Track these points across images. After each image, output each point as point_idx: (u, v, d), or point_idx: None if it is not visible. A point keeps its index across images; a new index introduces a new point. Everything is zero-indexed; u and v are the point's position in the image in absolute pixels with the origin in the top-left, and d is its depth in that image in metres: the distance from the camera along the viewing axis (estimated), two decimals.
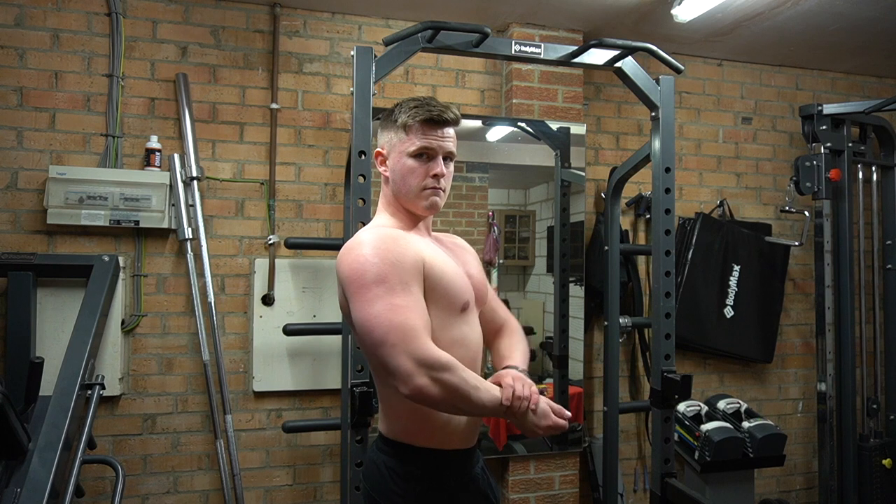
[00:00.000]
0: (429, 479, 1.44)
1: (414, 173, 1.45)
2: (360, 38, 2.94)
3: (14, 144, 2.56)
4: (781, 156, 3.58)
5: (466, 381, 1.31)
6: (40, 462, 1.89)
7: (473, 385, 1.32)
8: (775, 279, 3.41)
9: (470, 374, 1.33)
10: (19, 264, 2.41)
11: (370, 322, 1.30)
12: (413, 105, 1.46)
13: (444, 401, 1.31)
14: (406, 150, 1.45)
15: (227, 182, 2.78)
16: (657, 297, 2.33)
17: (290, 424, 2.64)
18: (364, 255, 1.34)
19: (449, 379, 1.29)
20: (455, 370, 1.30)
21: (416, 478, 1.43)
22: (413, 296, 1.33)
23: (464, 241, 1.71)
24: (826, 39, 3.17)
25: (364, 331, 1.32)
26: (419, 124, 1.44)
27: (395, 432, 1.47)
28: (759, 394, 3.50)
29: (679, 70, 2.31)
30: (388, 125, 1.50)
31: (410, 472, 1.44)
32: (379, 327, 1.29)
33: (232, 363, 2.76)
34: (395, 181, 1.48)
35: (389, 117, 1.50)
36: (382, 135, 1.52)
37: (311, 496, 2.84)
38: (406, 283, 1.33)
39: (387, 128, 1.50)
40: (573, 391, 3.03)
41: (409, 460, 1.44)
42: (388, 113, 1.51)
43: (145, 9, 2.70)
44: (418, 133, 1.45)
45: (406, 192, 1.46)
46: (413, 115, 1.45)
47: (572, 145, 3.01)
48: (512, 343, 1.65)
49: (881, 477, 3.27)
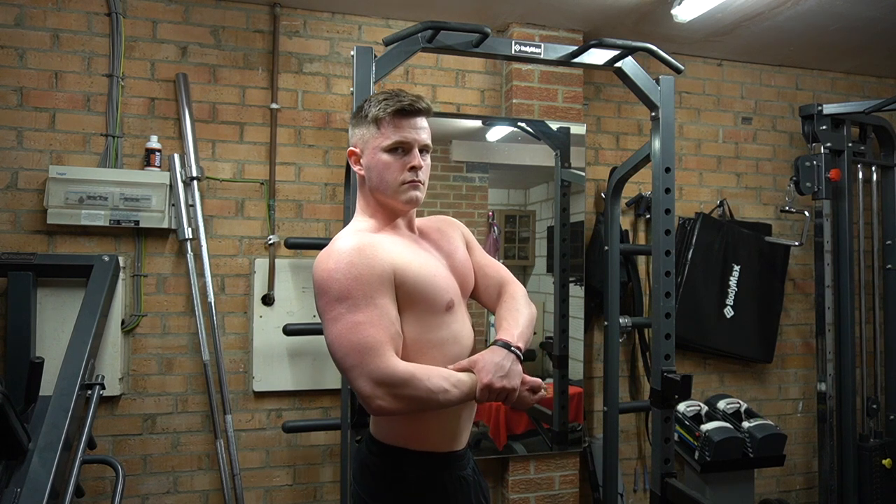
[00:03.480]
0: (422, 482, 1.42)
1: (390, 168, 1.40)
2: (360, 38, 2.94)
3: (14, 144, 2.56)
4: (781, 156, 3.58)
5: (431, 389, 1.29)
6: (40, 462, 1.89)
7: (441, 389, 1.30)
8: (775, 279, 3.41)
9: (437, 379, 1.31)
10: (19, 264, 2.41)
11: (332, 343, 1.31)
12: (382, 98, 1.41)
13: (410, 411, 1.32)
14: (380, 146, 1.40)
15: (227, 182, 2.78)
16: (657, 297, 2.33)
17: (290, 424, 2.64)
18: (329, 270, 1.30)
19: (410, 394, 1.28)
20: (416, 382, 1.28)
21: (409, 480, 1.42)
22: (378, 309, 1.30)
23: (451, 218, 1.66)
24: (826, 39, 3.17)
25: (330, 350, 1.32)
26: (390, 117, 1.39)
27: (385, 435, 1.45)
28: (759, 394, 3.50)
29: (679, 70, 2.31)
30: (359, 121, 1.44)
31: (404, 475, 1.42)
32: (340, 349, 1.29)
33: (232, 363, 2.76)
34: (372, 178, 1.42)
35: (360, 113, 1.44)
36: (354, 132, 1.46)
37: (311, 496, 2.84)
38: (370, 297, 1.29)
39: (358, 124, 1.44)
40: (573, 391, 3.03)
41: (401, 463, 1.43)
42: (359, 109, 1.45)
43: (145, 9, 2.70)
44: (390, 126, 1.39)
45: (384, 189, 1.41)
46: (383, 107, 1.39)
47: (572, 145, 3.01)
48: (505, 311, 1.53)
49: (881, 477, 3.27)
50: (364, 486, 1.47)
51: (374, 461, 1.45)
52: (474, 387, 1.34)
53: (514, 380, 1.37)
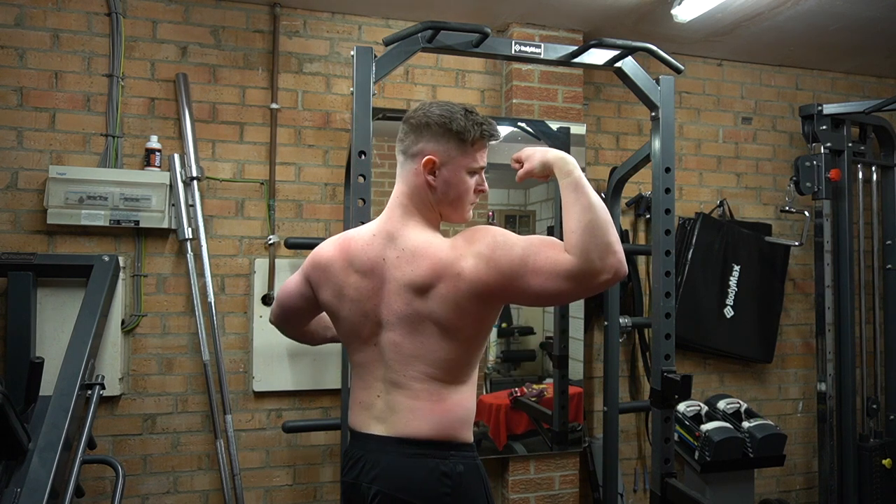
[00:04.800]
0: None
1: (469, 190, 1.47)
2: (360, 38, 2.94)
3: (14, 144, 2.56)
4: (781, 156, 3.58)
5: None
6: (40, 462, 1.89)
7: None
8: (775, 279, 3.41)
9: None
10: (19, 264, 2.41)
11: (551, 241, 1.35)
12: (478, 121, 1.44)
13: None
14: (467, 167, 1.45)
15: (227, 182, 2.78)
16: (657, 297, 2.33)
17: (290, 424, 2.64)
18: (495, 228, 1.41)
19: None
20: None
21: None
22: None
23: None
24: (826, 39, 3.17)
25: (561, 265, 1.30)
26: (483, 141, 1.46)
27: (470, 434, 1.50)
28: (759, 394, 3.50)
29: (679, 70, 2.31)
30: (443, 134, 1.42)
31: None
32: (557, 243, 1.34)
33: (232, 363, 2.76)
34: (448, 193, 1.45)
35: (446, 126, 1.41)
36: (433, 142, 1.42)
37: (311, 496, 2.84)
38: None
39: (441, 137, 1.42)
40: (573, 391, 3.03)
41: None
42: (443, 121, 1.42)
43: (145, 9, 2.70)
44: (480, 151, 1.46)
45: (455, 204, 1.47)
46: (480, 131, 1.43)
47: (572, 145, 3.00)
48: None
49: (881, 477, 3.27)
50: (475, 494, 1.45)
51: (475, 464, 1.48)
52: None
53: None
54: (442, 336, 1.39)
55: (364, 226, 1.56)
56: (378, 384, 1.46)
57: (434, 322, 1.38)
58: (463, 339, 1.40)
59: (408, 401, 1.42)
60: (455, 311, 1.37)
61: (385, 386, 1.45)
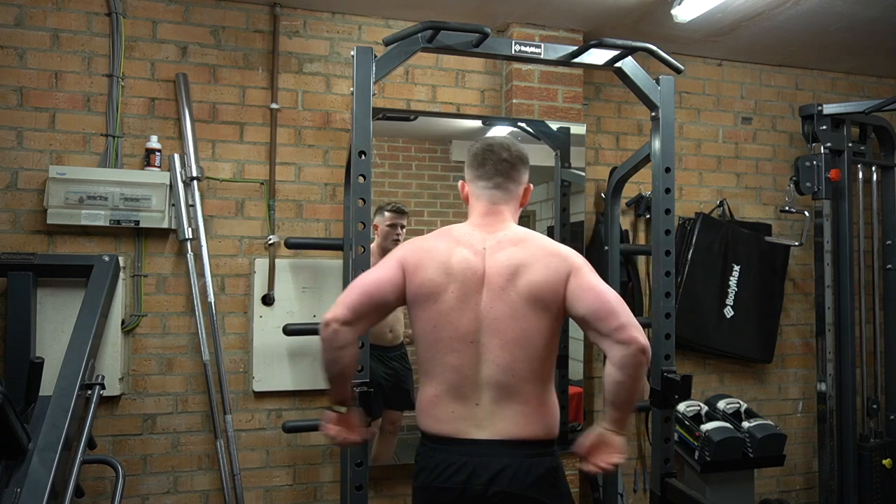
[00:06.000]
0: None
1: None
2: (360, 38, 2.94)
3: (14, 144, 2.56)
4: (781, 156, 3.58)
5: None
6: (40, 462, 1.89)
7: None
8: (775, 279, 3.41)
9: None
10: (19, 264, 2.41)
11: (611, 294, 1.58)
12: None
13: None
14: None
15: (227, 182, 2.78)
16: (657, 297, 2.33)
17: (290, 424, 2.64)
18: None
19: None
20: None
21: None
22: None
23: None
24: (826, 39, 3.17)
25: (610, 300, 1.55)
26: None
27: (556, 431, 1.63)
28: (759, 394, 3.50)
29: (679, 70, 2.31)
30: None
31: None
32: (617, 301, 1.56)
33: (232, 363, 2.76)
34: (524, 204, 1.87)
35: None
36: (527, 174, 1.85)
37: (311, 496, 2.84)
38: None
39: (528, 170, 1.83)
40: (573, 391, 3.03)
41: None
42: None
43: (145, 9, 2.70)
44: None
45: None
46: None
47: (572, 145, 3.00)
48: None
49: (881, 477, 3.27)
50: (565, 490, 1.65)
51: (559, 462, 1.64)
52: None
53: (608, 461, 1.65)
54: (541, 316, 1.56)
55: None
56: (477, 390, 1.57)
57: (534, 302, 1.57)
58: (556, 322, 1.60)
59: (517, 405, 1.56)
60: (554, 293, 1.58)
61: (488, 391, 1.56)
